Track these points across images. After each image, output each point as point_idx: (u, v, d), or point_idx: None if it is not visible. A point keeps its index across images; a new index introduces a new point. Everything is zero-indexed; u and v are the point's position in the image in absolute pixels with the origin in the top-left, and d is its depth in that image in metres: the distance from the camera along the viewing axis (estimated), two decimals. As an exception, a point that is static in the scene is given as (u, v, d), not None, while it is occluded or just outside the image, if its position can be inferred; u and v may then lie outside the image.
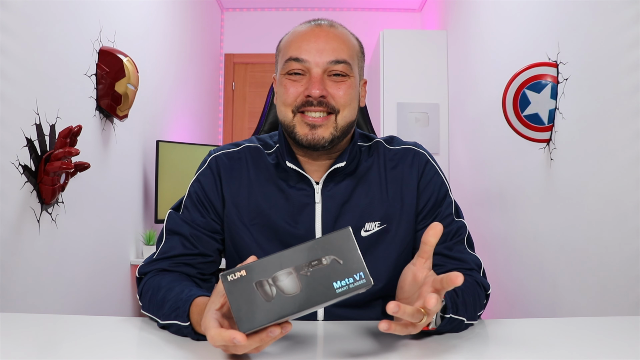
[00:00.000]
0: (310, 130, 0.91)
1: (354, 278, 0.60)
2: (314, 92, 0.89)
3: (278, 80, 0.97)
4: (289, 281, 0.60)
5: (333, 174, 0.96)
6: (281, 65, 0.95)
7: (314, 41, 0.92)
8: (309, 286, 0.60)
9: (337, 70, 0.91)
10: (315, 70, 0.91)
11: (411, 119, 3.27)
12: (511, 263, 2.22)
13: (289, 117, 0.93)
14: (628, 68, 1.36)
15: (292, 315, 0.60)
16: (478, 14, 2.73)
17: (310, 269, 0.61)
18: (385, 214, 0.96)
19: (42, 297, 1.58)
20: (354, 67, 0.95)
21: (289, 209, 0.95)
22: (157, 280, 0.89)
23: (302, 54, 0.91)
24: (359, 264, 0.61)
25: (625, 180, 1.38)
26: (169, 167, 2.58)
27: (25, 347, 0.73)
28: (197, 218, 0.96)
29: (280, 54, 0.97)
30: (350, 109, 0.93)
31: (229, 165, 0.99)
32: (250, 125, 4.31)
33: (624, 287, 1.38)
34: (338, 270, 0.60)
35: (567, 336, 0.82)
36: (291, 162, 0.95)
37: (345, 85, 0.92)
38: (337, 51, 0.92)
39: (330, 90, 0.91)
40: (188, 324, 0.75)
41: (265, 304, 0.59)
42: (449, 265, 0.95)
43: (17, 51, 1.43)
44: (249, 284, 0.60)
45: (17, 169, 1.43)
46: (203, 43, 3.76)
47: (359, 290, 0.60)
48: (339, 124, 0.92)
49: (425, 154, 1.01)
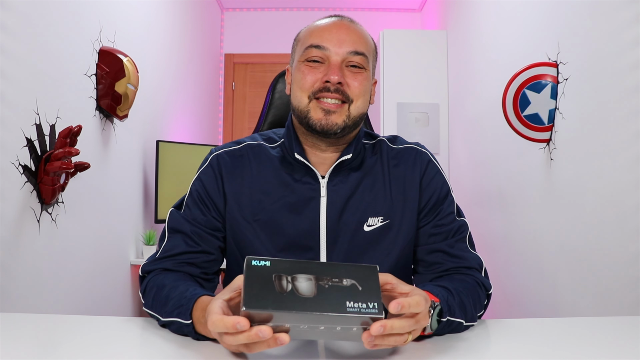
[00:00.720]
0: (325, 116, 0.93)
1: (367, 305, 0.62)
2: (333, 77, 0.92)
3: (295, 67, 0.99)
4: (307, 285, 0.62)
5: (339, 168, 0.97)
6: (300, 52, 0.97)
7: (336, 32, 0.95)
8: (323, 295, 0.62)
9: (355, 62, 0.95)
10: (335, 58, 0.94)
11: (411, 119, 3.27)
12: (511, 263, 2.22)
13: (304, 102, 0.95)
14: (628, 68, 1.36)
15: (295, 315, 0.60)
16: (478, 14, 2.72)
17: (330, 282, 0.63)
18: (388, 210, 0.97)
19: (42, 297, 1.58)
20: (370, 62, 0.98)
21: (293, 202, 0.96)
22: (161, 279, 0.89)
23: (324, 41, 0.94)
24: (376, 296, 0.63)
25: (625, 180, 1.38)
26: (169, 167, 2.58)
27: (25, 347, 0.73)
28: (199, 216, 0.97)
29: (299, 43, 1.00)
30: (363, 100, 0.96)
31: (230, 163, 1.00)
32: (250, 125, 4.31)
33: (624, 287, 1.38)
34: (354, 294, 0.63)
35: (567, 336, 0.82)
36: (300, 154, 0.96)
37: (362, 76, 0.95)
38: (356, 43, 0.95)
39: (347, 79, 0.94)
40: (190, 322, 0.75)
41: (277, 294, 0.61)
42: (448, 263, 0.95)
43: (17, 51, 1.43)
44: (269, 274, 0.62)
45: (17, 169, 1.43)
46: (203, 43, 3.76)
47: (368, 316, 0.62)
48: (351, 113, 0.95)
49: (428, 153, 1.03)
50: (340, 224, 0.96)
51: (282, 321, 0.61)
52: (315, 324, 0.61)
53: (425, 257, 0.98)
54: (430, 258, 0.97)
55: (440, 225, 0.98)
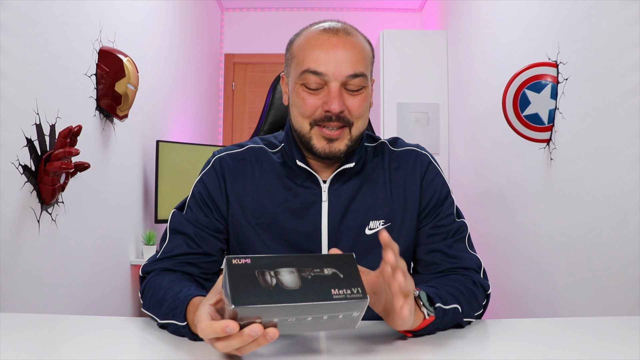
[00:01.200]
0: (328, 144, 0.93)
1: (351, 290, 0.64)
2: (334, 107, 0.90)
3: (293, 89, 0.95)
4: (290, 277, 0.63)
5: (340, 173, 0.98)
6: (296, 73, 0.93)
7: (332, 52, 0.90)
8: (308, 286, 0.63)
9: (354, 85, 0.92)
10: (334, 84, 0.90)
11: (411, 119, 3.27)
12: (511, 263, 2.22)
13: (305, 129, 0.94)
14: (628, 68, 1.36)
15: (285, 308, 0.61)
16: (478, 14, 2.72)
17: (312, 273, 0.64)
18: (389, 212, 0.98)
19: (42, 297, 1.58)
20: (368, 76, 0.95)
21: (295, 207, 0.97)
22: (159, 280, 0.90)
23: (320, 66, 0.90)
24: (357, 281, 0.65)
25: (625, 180, 1.38)
26: (169, 167, 2.58)
27: (25, 347, 0.73)
28: (201, 218, 0.97)
29: (294, 59, 0.95)
30: (363, 119, 0.95)
31: (233, 166, 1.00)
32: (250, 125, 4.31)
33: (624, 287, 1.38)
34: (337, 281, 0.64)
35: (567, 336, 0.82)
36: (301, 162, 0.97)
37: (361, 97, 0.93)
38: (354, 64, 0.91)
39: (347, 103, 0.92)
40: (185, 324, 0.75)
41: (263, 289, 0.61)
42: (446, 264, 0.96)
43: (17, 51, 1.43)
44: (252, 271, 0.63)
45: (17, 169, 1.43)
46: (203, 43, 3.76)
47: (354, 301, 0.63)
48: (353, 134, 0.94)
49: (428, 155, 1.04)
50: (342, 228, 0.96)
51: (270, 316, 0.61)
52: (304, 315, 0.62)
53: (423, 256, 0.99)
54: (429, 258, 0.98)
55: (440, 226, 0.98)
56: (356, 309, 0.64)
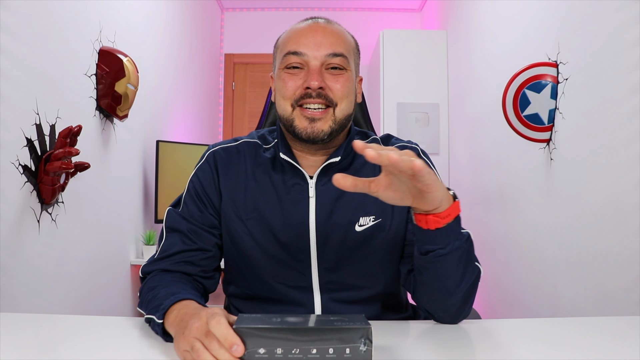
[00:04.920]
0: (310, 124, 0.93)
1: (354, 322, 0.64)
2: (313, 83, 0.91)
3: (277, 75, 0.98)
4: (296, 319, 0.65)
5: (327, 168, 0.97)
6: (280, 60, 0.97)
7: (312, 36, 0.94)
8: (312, 323, 0.64)
9: (334, 64, 0.94)
10: (314, 63, 0.93)
11: (411, 119, 3.27)
12: (511, 263, 2.22)
13: (287, 111, 0.95)
14: (628, 68, 1.36)
15: (285, 330, 0.62)
16: (478, 14, 2.72)
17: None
18: (380, 208, 0.97)
19: (42, 297, 1.58)
20: (351, 61, 0.97)
21: (283, 204, 0.96)
22: (157, 280, 0.90)
23: (301, 47, 0.94)
24: (361, 318, 0.65)
25: (625, 180, 1.38)
26: (169, 167, 2.58)
27: (25, 347, 0.73)
28: (196, 213, 0.98)
29: (278, 50, 1.00)
30: (347, 101, 0.95)
31: (226, 159, 1.00)
32: (250, 125, 4.31)
33: (624, 287, 1.38)
34: (342, 321, 0.65)
35: (567, 336, 0.82)
36: (285, 154, 0.96)
37: (343, 78, 0.95)
38: (334, 45, 0.94)
39: (328, 82, 0.93)
40: (160, 322, 0.75)
41: (266, 321, 0.64)
42: None
43: (17, 51, 1.43)
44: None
45: (17, 169, 1.43)
46: (203, 43, 3.76)
47: (357, 326, 0.63)
48: (337, 116, 0.94)
49: (418, 149, 1.03)
50: (330, 224, 0.95)
51: (271, 344, 0.61)
52: (307, 346, 0.61)
53: (409, 250, 0.98)
54: (412, 250, 0.96)
55: None
56: (361, 337, 0.62)
